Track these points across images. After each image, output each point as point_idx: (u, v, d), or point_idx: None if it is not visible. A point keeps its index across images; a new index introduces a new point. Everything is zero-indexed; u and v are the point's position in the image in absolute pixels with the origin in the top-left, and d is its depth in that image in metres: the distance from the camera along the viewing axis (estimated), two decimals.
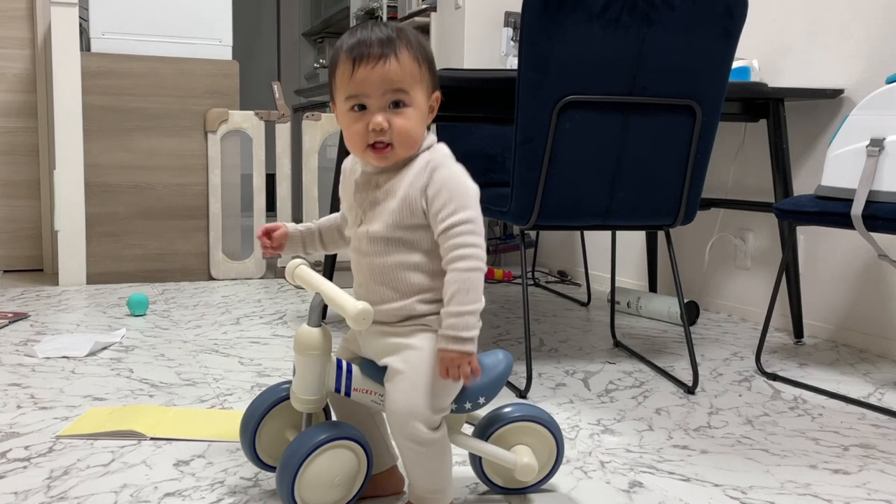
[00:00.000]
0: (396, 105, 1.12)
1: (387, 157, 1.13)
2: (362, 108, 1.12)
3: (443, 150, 1.16)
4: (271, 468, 1.28)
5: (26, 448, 1.45)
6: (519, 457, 1.24)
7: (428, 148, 1.16)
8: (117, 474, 1.34)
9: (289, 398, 1.23)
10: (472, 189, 1.13)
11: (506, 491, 1.30)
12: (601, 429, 1.63)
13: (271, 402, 1.25)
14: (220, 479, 1.33)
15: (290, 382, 1.25)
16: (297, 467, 1.13)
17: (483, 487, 1.32)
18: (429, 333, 1.13)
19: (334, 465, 1.16)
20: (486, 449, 1.24)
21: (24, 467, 1.36)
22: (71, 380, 1.87)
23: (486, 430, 1.26)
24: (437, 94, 1.18)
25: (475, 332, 1.09)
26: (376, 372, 1.18)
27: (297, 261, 1.22)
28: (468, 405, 1.18)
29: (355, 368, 1.19)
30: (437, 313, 1.12)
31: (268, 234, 1.29)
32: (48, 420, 1.60)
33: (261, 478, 1.33)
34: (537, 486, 1.31)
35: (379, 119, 1.11)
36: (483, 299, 1.11)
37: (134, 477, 1.33)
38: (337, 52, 1.13)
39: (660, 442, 1.56)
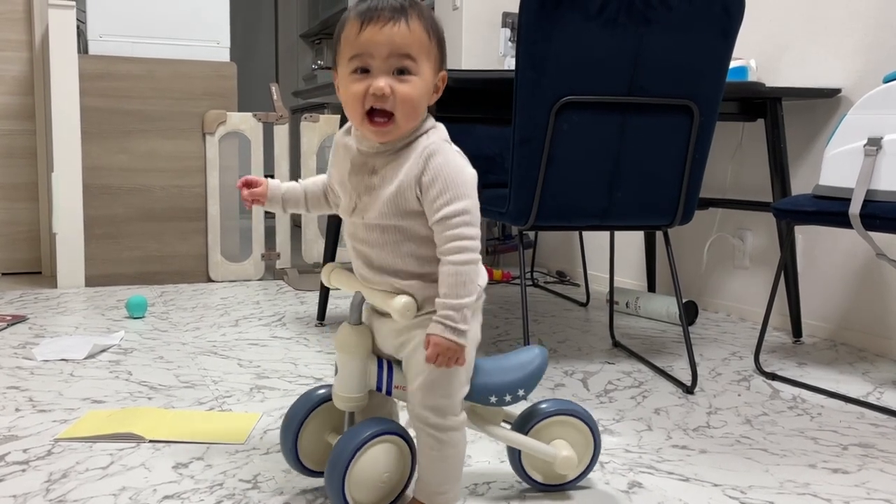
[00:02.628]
0: (402, 73, 1.08)
1: (387, 131, 1.09)
2: (365, 71, 1.08)
3: (441, 134, 1.13)
4: (314, 473, 1.28)
5: (25, 451, 1.44)
6: (558, 450, 1.25)
7: (427, 131, 1.12)
8: (116, 477, 1.33)
9: (326, 402, 1.24)
10: (468, 176, 1.10)
11: (545, 488, 1.30)
12: (600, 429, 1.62)
13: (310, 406, 1.25)
14: (219, 481, 1.33)
15: (325, 387, 1.26)
16: (346, 465, 1.12)
17: (482, 489, 1.32)
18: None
19: (381, 461, 1.16)
20: (526, 442, 1.25)
21: (23, 470, 1.36)
22: (70, 382, 1.87)
23: (523, 426, 1.26)
24: (444, 73, 1.15)
25: (468, 326, 1.09)
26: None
27: (333, 264, 1.24)
28: (508, 398, 1.20)
29: (395, 366, 1.20)
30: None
31: (248, 185, 1.25)
32: (47, 423, 1.59)
33: (259, 480, 1.33)
34: (575, 482, 1.31)
35: (381, 83, 1.06)
36: (478, 289, 1.11)
37: (133, 479, 1.33)
38: (345, 18, 1.10)
39: (659, 442, 1.57)
